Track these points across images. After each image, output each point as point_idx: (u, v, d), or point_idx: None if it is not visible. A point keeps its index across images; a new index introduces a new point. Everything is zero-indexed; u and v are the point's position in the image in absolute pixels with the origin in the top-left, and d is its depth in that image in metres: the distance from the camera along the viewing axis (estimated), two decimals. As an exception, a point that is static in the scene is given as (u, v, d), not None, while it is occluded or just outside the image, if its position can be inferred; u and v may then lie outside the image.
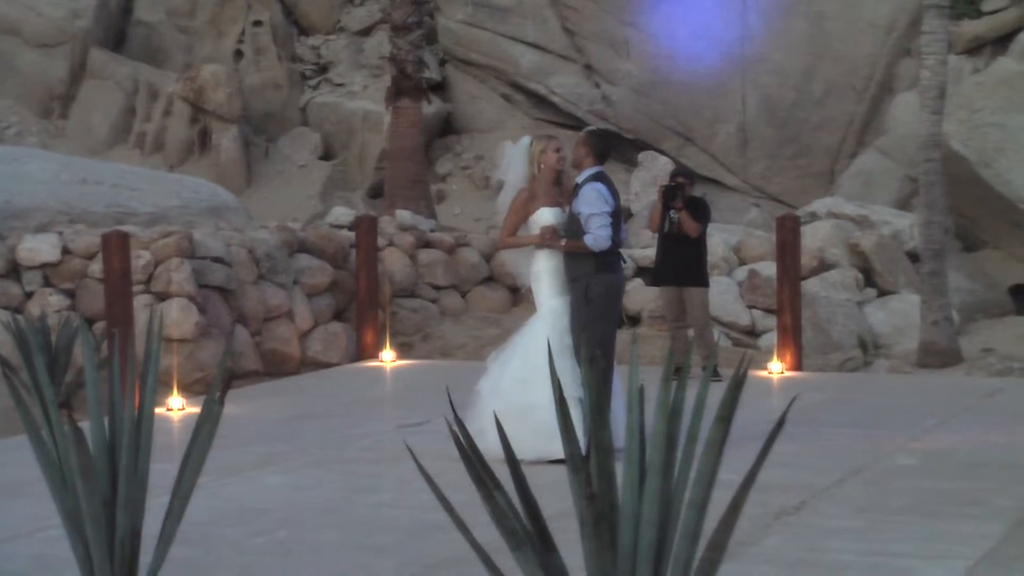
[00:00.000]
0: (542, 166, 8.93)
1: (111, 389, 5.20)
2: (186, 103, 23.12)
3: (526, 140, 9.21)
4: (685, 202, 12.45)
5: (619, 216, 8.98)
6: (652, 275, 12.83)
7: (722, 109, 21.02)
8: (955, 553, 6.33)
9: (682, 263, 12.52)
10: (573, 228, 8.78)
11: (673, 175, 13.16)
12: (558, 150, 8.95)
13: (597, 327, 8.51)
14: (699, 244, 12.60)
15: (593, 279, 8.73)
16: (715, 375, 12.15)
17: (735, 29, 20.75)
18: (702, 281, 12.66)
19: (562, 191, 8.99)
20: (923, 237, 14.01)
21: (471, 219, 21.14)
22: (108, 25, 24.82)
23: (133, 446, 5.11)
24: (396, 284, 15.68)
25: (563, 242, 8.79)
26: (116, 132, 23.87)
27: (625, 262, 9.17)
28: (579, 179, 8.91)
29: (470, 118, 23.40)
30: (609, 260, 8.84)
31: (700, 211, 12.60)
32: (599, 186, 8.79)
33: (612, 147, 9.08)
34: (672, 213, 12.41)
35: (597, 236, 8.67)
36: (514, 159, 9.18)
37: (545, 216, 8.89)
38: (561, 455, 4.62)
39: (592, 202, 8.72)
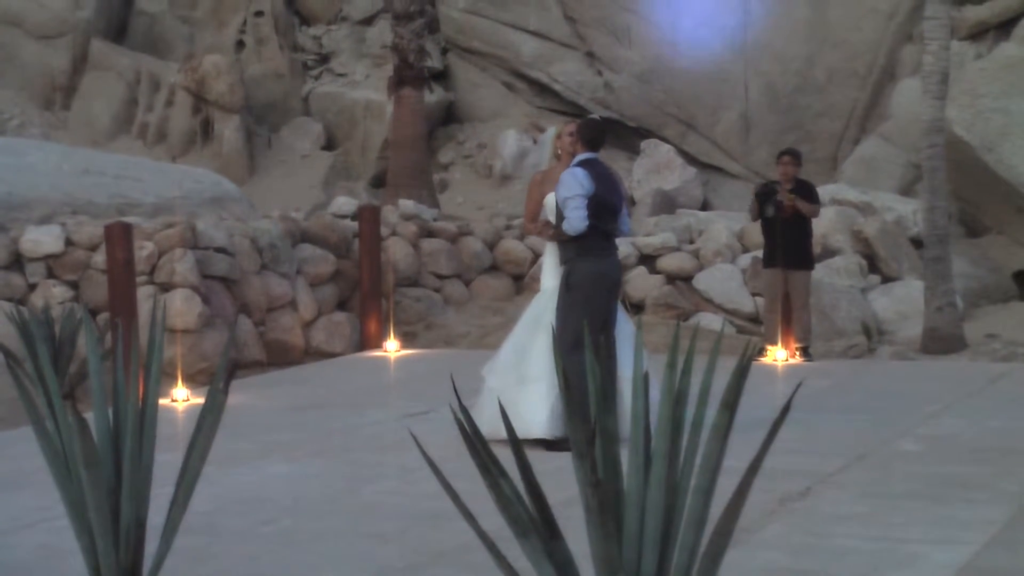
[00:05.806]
0: (559, 151, 9.20)
1: (115, 380, 5.19)
2: (188, 93, 23.13)
3: (552, 130, 9.54)
4: (787, 192, 12.67)
5: (613, 204, 8.77)
6: (763, 258, 13.17)
7: (724, 96, 21.00)
8: (961, 538, 6.32)
9: (790, 246, 12.80)
10: (559, 215, 8.82)
11: (782, 155, 13.19)
12: (571, 134, 9.07)
13: (576, 314, 8.35)
14: (805, 226, 12.89)
15: (576, 265, 8.68)
16: (806, 355, 12.51)
17: (737, 16, 20.74)
18: (808, 264, 12.97)
19: None
20: (926, 223, 13.99)
21: (474, 208, 21.12)
22: (110, 16, 24.84)
23: (137, 436, 5.10)
24: (399, 273, 15.68)
25: (551, 231, 8.89)
26: (118, 123, 23.88)
27: (616, 248, 9.09)
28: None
29: (472, 107, 23.40)
30: (593, 246, 8.71)
31: (810, 193, 12.87)
32: (576, 170, 8.70)
33: (604, 135, 9.14)
34: (773, 203, 12.66)
35: (569, 219, 8.61)
36: (541, 148, 9.59)
37: (551, 201, 9.02)
38: (526, 436, 4.56)
39: (568, 186, 8.66)
